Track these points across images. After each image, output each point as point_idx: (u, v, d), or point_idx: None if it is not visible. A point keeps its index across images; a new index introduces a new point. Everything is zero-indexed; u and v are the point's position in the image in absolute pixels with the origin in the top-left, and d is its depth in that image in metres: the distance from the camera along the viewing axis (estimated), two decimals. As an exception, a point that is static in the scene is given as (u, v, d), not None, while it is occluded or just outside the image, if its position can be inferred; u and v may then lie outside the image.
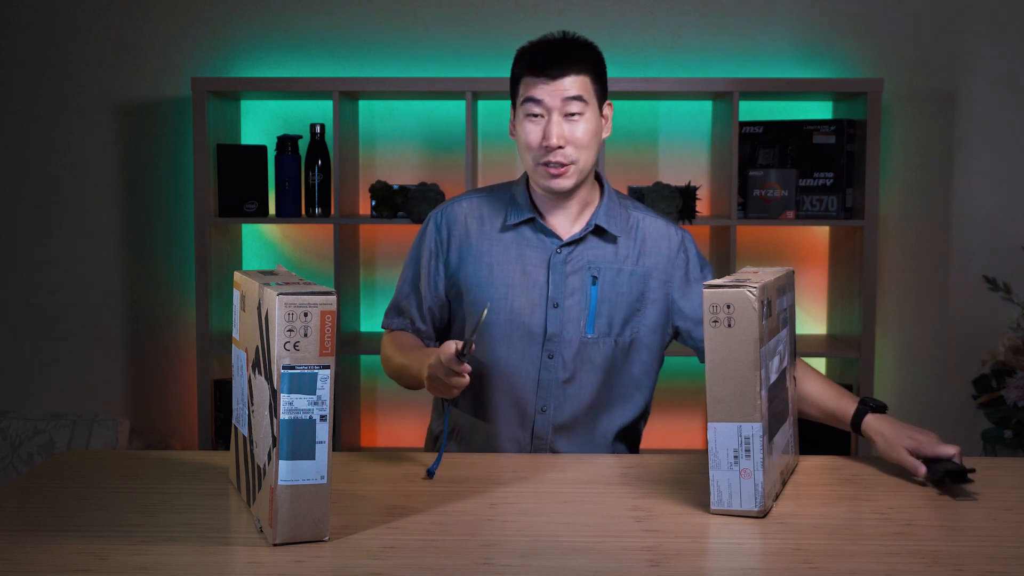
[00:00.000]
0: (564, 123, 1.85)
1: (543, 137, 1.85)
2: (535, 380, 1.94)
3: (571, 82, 1.85)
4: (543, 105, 1.85)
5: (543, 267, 1.94)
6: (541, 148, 1.86)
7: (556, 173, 1.86)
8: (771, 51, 3.36)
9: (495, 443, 1.98)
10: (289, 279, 1.52)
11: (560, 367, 1.94)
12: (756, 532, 1.47)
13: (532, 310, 1.93)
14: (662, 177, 3.34)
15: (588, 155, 1.88)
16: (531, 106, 1.86)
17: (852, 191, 3.17)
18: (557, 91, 1.84)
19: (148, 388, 3.46)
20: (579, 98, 1.85)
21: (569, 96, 1.85)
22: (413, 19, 3.37)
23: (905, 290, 3.40)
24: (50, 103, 3.41)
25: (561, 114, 1.85)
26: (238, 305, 1.60)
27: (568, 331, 1.93)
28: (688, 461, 1.83)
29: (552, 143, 1.84)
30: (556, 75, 1.84)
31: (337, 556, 1.37)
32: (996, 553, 1.40)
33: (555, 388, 1.94)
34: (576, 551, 1.40)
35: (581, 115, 1.86)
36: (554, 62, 1.85)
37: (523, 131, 1.88)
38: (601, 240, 1.95)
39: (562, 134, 1.84)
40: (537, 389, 1.94)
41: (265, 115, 3.41)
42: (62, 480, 1.71)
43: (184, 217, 3.41)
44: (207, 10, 3.37)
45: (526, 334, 1.93)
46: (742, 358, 1.49)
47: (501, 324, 1.93)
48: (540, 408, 1.95)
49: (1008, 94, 3.35)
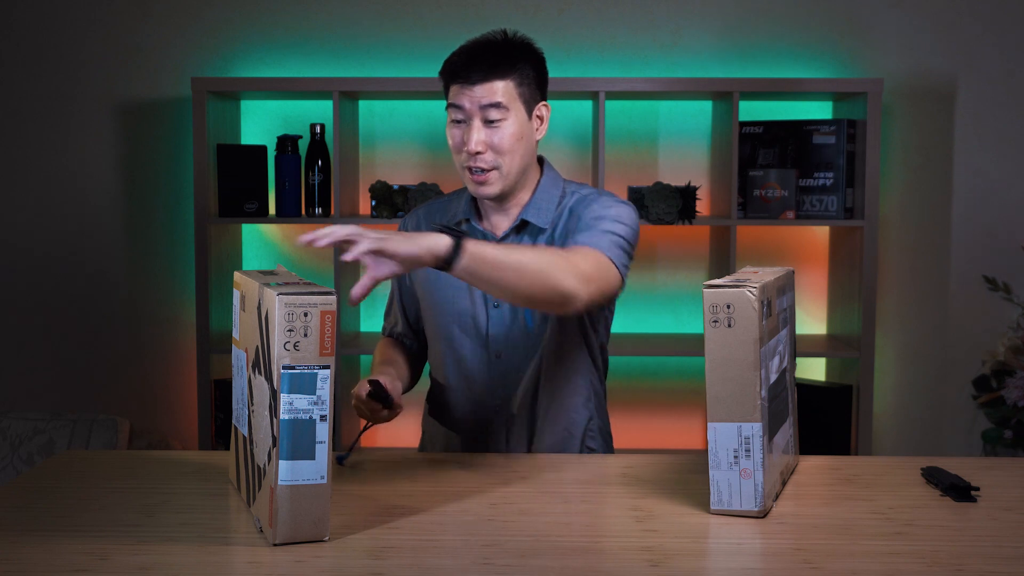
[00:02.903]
0: (484, 129, 1.84)
1: (463, 142, 1.85)
2: (487, 378, 1.95)
3: (490, 88, 1.83)
4: (464, 111, 1.84)
5: None
6: (463, 153, 1.86)
7: (480, 180, 1.86)
8: (771, 51, 3.36)
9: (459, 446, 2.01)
10: (289, 279, 1.52)
11: (508, 363, 1.95)
12: (756, 532, 1.47)
13: (475, 311, 1.94)
14: (662, 177, 3.34)
15: (512, 160, 1.86)
16: (454, 111, 1.85)
17: (852, 191, 3.17)
18: (476, 98, 1.83)
19: (148, 388, 3.46)
20: (498, 105, 1.83)
21: (488, 103, 1.83)
22: (413, 19, 3.37)
23: (905, 290, 3.41)
24: (50, 103, 3.41)
25: (481, 120, 1.84)
26: (238, 305, 1.60)
27: (510, 327, 1.94)
28: (688, 461, 1.83)
29: (472, 148, 1.84)
30: (476, 81, 1.83)
31: (337, 556, 1.37)
32: (996, 553, 1.40)
33: (507, 384, 1.95)
34: (576, 551, 1.40)
35: (502, 120, 1.84)
36: (474, 68, 1.83)
37: (449, 134, 1.88)
38: (531, 233, 1.94)
39: (481, 140, 1.83)
40: (491, 387, 1.96)
41: (265, 115, 3.41)
42: (62, 480, 1.71)
43: (184, 217, 3.41)
44: (207, 10, 3.37)
45: (474, 335, 1.95)
46: (742, 358, 1.49)
47: (449, 327, 1.95)
48: (497, 404, 1.96)
49: (1007, 94, 3.35)
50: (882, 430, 3.41)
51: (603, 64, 3.36)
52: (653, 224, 3.09)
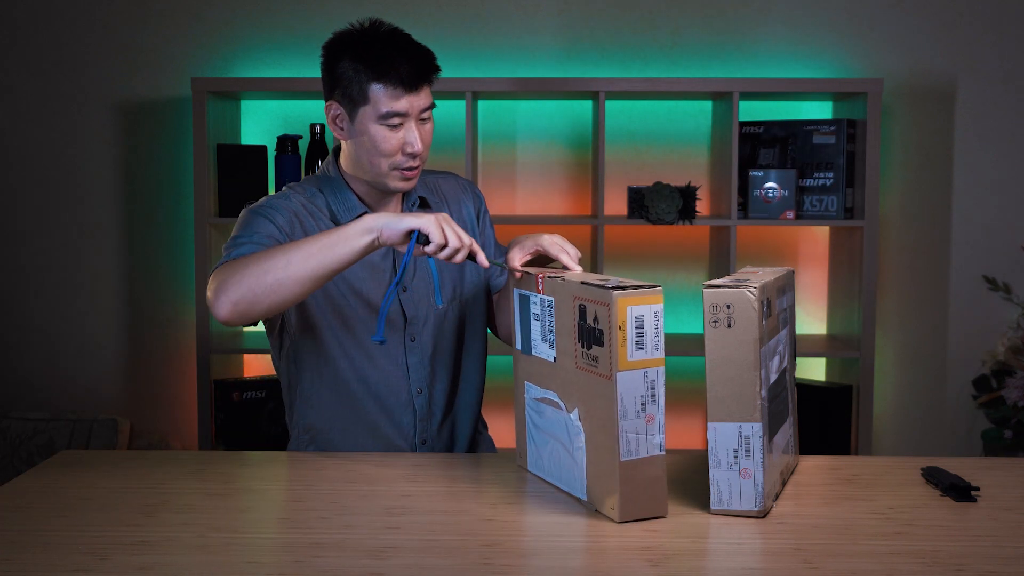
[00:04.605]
0: (417, 127, 1.85)
1: (404, 144, 1.84)
2: (405, 365, 1.95)
3: (426, 92, 1.86)
4: (402, 115, 1.84)
5: (388, 256, 1.94)
6: (403, 155, 1.85)
7: (411, 176, 1.87)
8: (771, 51, 3.36)
9: (362, 442, 1.97)
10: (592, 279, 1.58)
11: (422, 346, 1.95)
12: (756, 532, 1.47)
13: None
14: (662, 177, 3.34)
15: (427, 152, 1.91)
16: (394, 118, 1.83)
17: (852, 191, 3.17)
18: (418, 103, 1.84)
19: (148, 388, 3.46)
20: (431, 106, 1.87)
21: (426, 106, 1.86)
22: (413, 19, 3.37)
23: (905, 290, 3.41)
24: (50, 103, 3.41)
25: (416, 120, 1.85)
26: None
27: (422, 309, 1.95)
28: (688, 461, 1.83)
29: (418, 149, 1.84)
30: (418, 87, 1.84)
31: (337, 556, 1.37)
32: (996, 553, 1.40)
33: (424, 367, 1.96)
34: (576, 551, 1.40)
35: (429, 118, 1.88)
36: (417, 76, 1.83)
37: (379, 137, 1.84)
38: (421, 212, 1.96)
39: (419, 138, 1.85)
40: (409, 373, 1.95)
41: (265, 115, 3.41)
42: (62, 480, 1.71)
43: (184, 217, 3.41)
44: (207, 10, 3.38)
45: (388, 323, 1.93)
46: (742, 358, 1.49)
47: (363, 319, 1.92)
48: (417, 391, 1.96)
49: (1008, 94, 3.35)
50: (882, 430, 3.41)
51: (603, 64, 3.36)
52: (653, 224, 3.09)
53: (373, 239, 1.66)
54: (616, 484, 1.48)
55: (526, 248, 1.78)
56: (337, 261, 1.67)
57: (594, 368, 1.50)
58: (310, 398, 1.96)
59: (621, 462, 1.47)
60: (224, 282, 1.68)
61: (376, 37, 1.86)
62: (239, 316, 1.69)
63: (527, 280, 1.71)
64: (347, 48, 1.86)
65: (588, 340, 1.51)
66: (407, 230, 1.66)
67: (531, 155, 3.40)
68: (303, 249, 1.67)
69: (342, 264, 1.67)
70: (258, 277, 1.66)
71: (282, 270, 1.66)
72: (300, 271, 1.66)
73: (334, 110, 1.88)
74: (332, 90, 1.88)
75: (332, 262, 1.66)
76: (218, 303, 1.68)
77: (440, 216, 1.67)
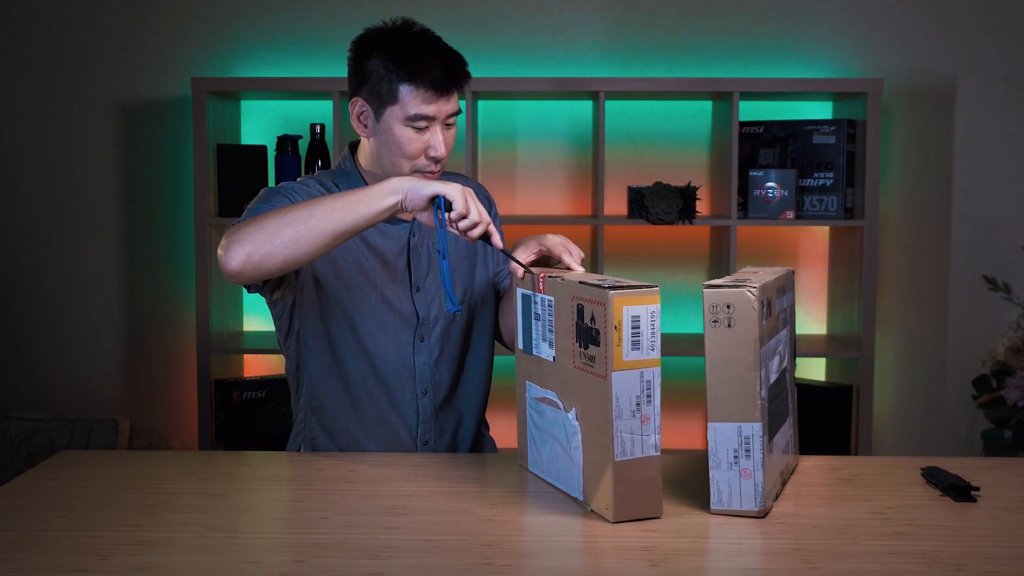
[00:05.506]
0: (442, 132, 1.85)
1: (428, 148, 1.85)
2: (412, 366, 1.95)
3: (455, 98, 1.86)
4: (430, 119, 1.84)
5: (403, 253, 1.94)
6: (425, 158, 1.85)
7: (431, 179, 1.87)
8: (771, 51, 3.36)
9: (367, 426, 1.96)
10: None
11: (430, 347, 1.95)
12: (756, 532, 1.47)
13: (400, 297, 1.93)
14: (662, 177, 3.34)
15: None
16: (421, 121, 1.83)
17: (852, 191, 3.17)
18: (445, 108, 1.84)
19: (148, 388, 3.46)
20: (459, 111, 1.88)
21: (454, 111, 1.86)
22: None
23: (905, 290, 3.41)
24: (50, 103, 3.41)
25: (442, 124, 1.85)
26: None
27: (433, 310, 1.95)
28: (688, 461, 1.83)
29: (441, 154, 1.85)
30: (448, 92, 1.84)
31: (337, 556, 1.37)
32: (996, 553, 1.40)
33: (429, 369, 1.96)
34: (576, 551, 1.40)
35: (455, 123, 1.89)
36: (449, 81, 1.83)
37: (403, 139, 1.83)
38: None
39: (443, 143, 1.85)
40: (415, 374, 1.95)
41: (265, 115, 3.41)
42: (62, 480, 1.71)
43: (184, 217, 3.41)
44: (207, 10, 3.38)
45: (399, 320, 1.93)
46: (742, 358, 1.49)
47: (374, 313, 1.92)
48: (422, 392, 1.96)
49: (1008, 94, 3.35)
50: (882, 430, 3.41)
51: (603, 64, 3.36)
52: (653, 224, 3.09)
53: (397, 201, 1.66)
54: (610, 484, 1.48)
55: (530, 248, 1.79)
56: (360, 219, 1.66)
57: (590, 368, 1.50)
58: (317, 382, 1.96)
59: (615, 462, 1.47)
60: (239, 234, 1.68)
61: (409, 36, 1.86)
62: (251, 269, 1.67)
63: (529, 280, 1.71)
64: (379, 45, 1.84)
65: (585, 340, 1.51)
66: (432, 195, 1.65)
67: (531, 155, 3.40)
68: (327, 204, 1.66)
69: (364, 223, 1.66)
70: (277, 229, 1.65)
71: (304, 223, 1.65)
72: (321, 225, 1.65)
73: (359, 107, 1.87)
74: (359, 86, 1.86)
75: (355, 220, 1.65)
76: (230, 254, 1.67)
77: (466, 188, 1.67)
